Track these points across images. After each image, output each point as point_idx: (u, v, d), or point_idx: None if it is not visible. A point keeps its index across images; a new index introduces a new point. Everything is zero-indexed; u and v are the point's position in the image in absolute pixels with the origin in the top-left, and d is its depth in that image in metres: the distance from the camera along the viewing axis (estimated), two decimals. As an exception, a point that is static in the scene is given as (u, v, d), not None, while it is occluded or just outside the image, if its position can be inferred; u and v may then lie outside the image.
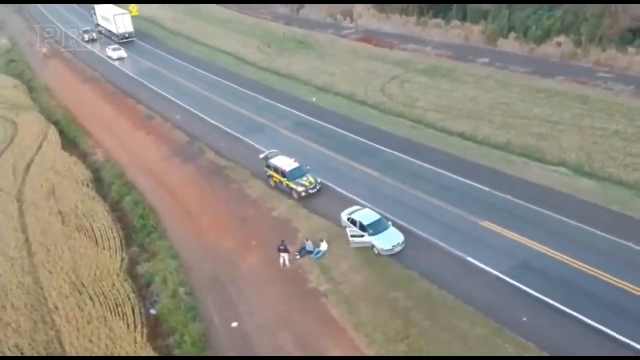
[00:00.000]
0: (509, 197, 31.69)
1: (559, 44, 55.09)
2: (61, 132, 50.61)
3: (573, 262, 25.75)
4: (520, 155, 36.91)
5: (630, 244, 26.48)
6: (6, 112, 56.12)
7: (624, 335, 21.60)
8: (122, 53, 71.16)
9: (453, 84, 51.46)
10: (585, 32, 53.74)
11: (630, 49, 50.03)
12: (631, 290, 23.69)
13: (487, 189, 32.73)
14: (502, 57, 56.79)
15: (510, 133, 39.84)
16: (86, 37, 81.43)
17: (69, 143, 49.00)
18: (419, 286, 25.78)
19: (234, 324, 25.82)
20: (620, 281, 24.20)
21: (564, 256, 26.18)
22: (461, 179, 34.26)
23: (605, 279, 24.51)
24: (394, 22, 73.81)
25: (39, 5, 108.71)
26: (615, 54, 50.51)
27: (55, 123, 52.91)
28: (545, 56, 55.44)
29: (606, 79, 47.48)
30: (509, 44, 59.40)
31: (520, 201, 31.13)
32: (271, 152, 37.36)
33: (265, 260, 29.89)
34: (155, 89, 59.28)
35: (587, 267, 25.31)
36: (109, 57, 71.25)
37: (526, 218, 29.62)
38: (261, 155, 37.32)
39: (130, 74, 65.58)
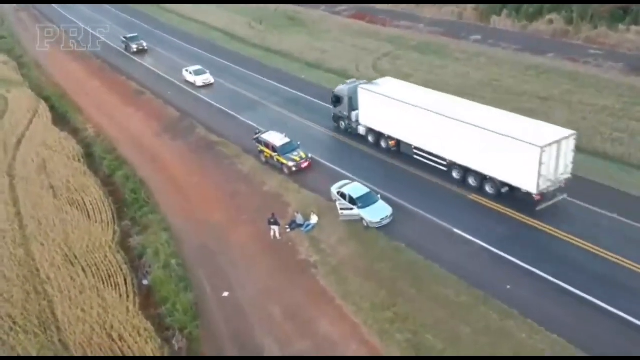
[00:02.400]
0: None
1: (550, 22, 55.22)
2: (52, 108, 50.45)
3: (557, 233, 26.31)
4: (510, 130, 37.20)
5: (614, 215, 27.06)
6: (-4, 88, 55.76)
7: (603, 302, 22.15)
8: (209, 77, 51.97)
9: (445, 61, 51.57)
10: (577, 9, 53.81)
11: (621, 27, 50.30)
12: (616, 261, 24.20)
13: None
14: (495, 35, 56.86)
15: (500, 109, 39.83)
16: (134, 47, 63.14)
17: (60, 119, 48.92)
18: (405, 257, 26.25)
19: (225, 294, 26.24)
20: (603, 251, 24.73)
21: (548, 227, 26.72)
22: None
23: (589, 248, 25.05)
24: (387, -1, 73.35)
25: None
26: (607, 31, 50.77)
27: (46, 99, 52.66)
28: (537, 33, 55.57)
29: (597, 56, 47.73)
30: (502, 22, 59.44)
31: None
32: (261, 131, 37.30)
33: (256, 233, 30.22)
34: (146, 65, 58.95)
35: (572, 237, 25.88)
36: (191, 83, 51.85)
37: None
38: (254, 137, 37.29)
39: (122, 50, 65.01)
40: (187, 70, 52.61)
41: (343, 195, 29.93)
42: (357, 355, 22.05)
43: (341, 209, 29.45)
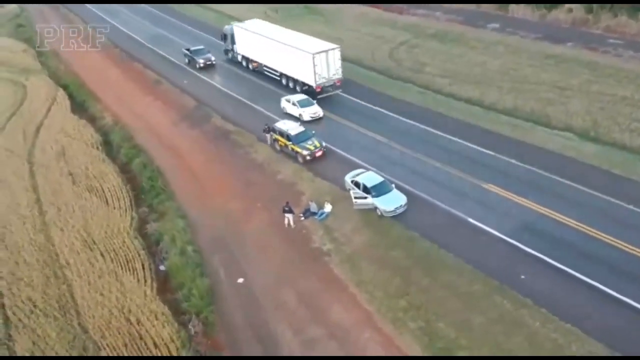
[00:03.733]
0: (513, 160, 31.89)
1: (570, 10, 54.39)
2: (70, 96, 51.06)
3: (574, 224, 26.07)
4: (527, 120, 36.93)
5: (631, 206, 26.75)
6: (15, 76, 56.66)
7: (618, 292, 22.06)
8: (318, 110, 40.56)
9: (462, 50, 51.15)
10: (597, -2, 52.97)
11: (642, 16, 49.38)
12: (629, 250, 24.07)
13: (492, 153, 32.92)
14: (513, 23, 56.19)
15: (518, 98, 39.78)
16: (201, 62, 52.96)
17: (78, 107, 49.55)
18: (419, 246, 26.29)
19: (240, 280, 26.58)
20: (619, 242, 24.55)
21: (565, 218, 26.49)
22: (466, 143, 34.42)
23: (606, 239, 24.86)
24: (403, -13, 72.67)
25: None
26: (627, 20, 49.92)
27: (64, 87, 53.28)
28: (556, 22, 54.82)
29: (616, 45, 46.97)
30: (520, 10, 58.66)
31: (524, 165, 31.34)
32: (270, 125, 37.56)
33: (270, 221, 30.47)
34: (164, 54, 59.23)
35: (588, 228, 25.64)
36: (295, 115, 40.49)
37: (529, 181, 29.87)
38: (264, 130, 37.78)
39: (141, 40, 65.35)
40: (288, 101, 41.69)
41: (357, 184, 30.01)
42: (369, 343, 22.23)
43: (355, 197, 29.54)
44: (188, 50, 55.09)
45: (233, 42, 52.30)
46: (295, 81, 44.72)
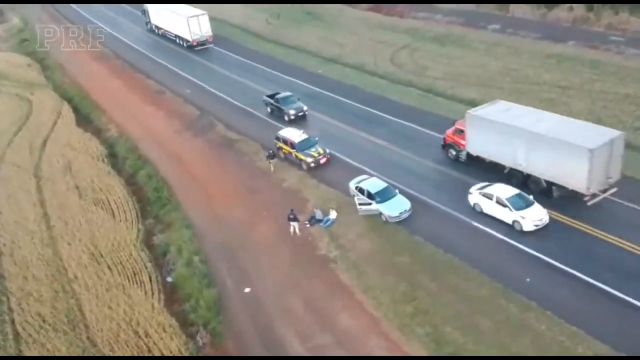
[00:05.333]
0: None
1: (570, 8, 54.30)
2: (75, 109, 51.26)
3: (582, 227, 26.16)
4: (529, 121, 36.90)
5: (635, 206, 26.72)
6: (21, 90, 57.04)
7: (623, 293, 22.13)
8: (543, 214, 26.45)
9: (463, 52, 51.23)
10: (597, -5, 52.94)
11: (644, 12, 49.27)
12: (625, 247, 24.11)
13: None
14: (514, 23, 56.18)
15: (520, 99, 39.55)
16: (291, 113, 41.63)
17: (83, 120, 49.74)
18: (425, 251, 26.37)
19: (247, 290, 26.66)
20: (629, 244, 24.60)
21: (571, 220, 26.54)
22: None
23: (611, 240, 24.95)
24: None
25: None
26: (628, 17, 49.85)
27: (69, 100, 53.56)
28: (557, 21, 54.81)
29: (618, 42, 46.88)
30: (521, 10, 58.68)
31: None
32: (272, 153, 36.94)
33: (276, 229, 30.58)
34: (165, 63, 59.65)
35: (594, 229, 25.77)
36: (506, 222, 26.84)
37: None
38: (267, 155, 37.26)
39: (140, 49, 65.90)
40: (488, 197, 27.61)
41: (361, 190, 30.11)
42: (376, 350, 22.28)
43: (359, 204, 29.63)
44: (271, 97, 43.52)
45: (149, 16, 71.52)
46: (182, 38, 63.78)
